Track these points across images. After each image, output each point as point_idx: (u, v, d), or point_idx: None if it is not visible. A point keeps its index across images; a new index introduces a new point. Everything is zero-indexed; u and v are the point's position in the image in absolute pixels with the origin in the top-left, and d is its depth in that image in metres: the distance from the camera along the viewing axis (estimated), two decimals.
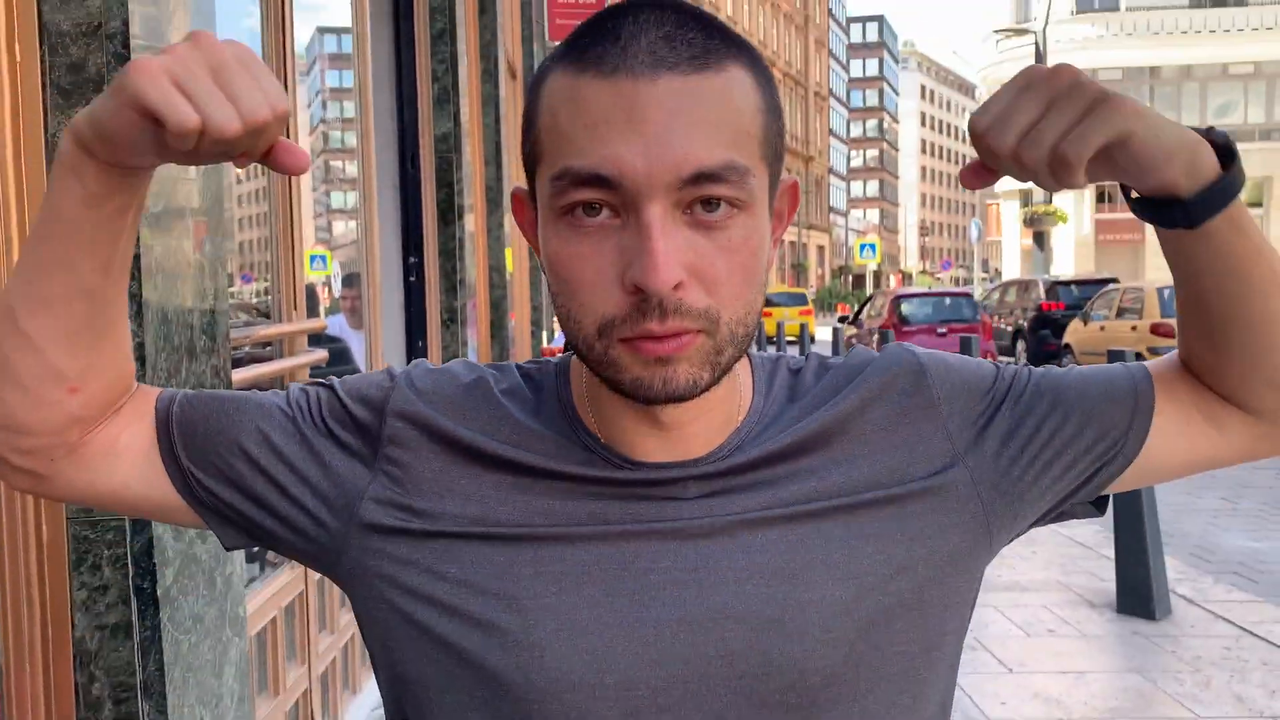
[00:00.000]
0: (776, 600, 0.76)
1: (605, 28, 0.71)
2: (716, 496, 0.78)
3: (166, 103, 0.60)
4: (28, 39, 1.40)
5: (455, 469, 0.79)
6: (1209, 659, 3.94)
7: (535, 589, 0.75)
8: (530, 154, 0.75)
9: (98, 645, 1.44)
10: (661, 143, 0.68)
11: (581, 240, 0.71)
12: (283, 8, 2.56)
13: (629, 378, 0.72)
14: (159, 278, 1.48)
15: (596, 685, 0.74)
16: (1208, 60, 32.25)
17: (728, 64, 0.71)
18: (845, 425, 0.81)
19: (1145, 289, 14.70)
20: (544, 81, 0.74)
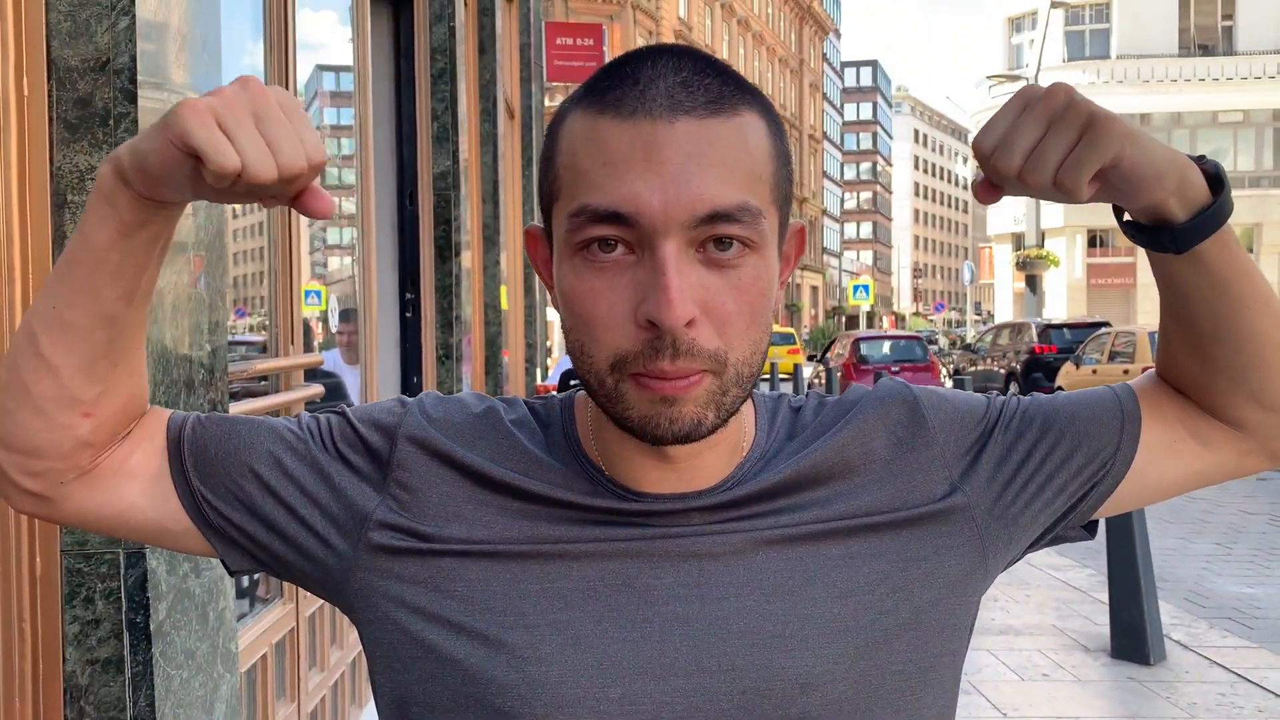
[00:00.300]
0: (778, 616, 0.77)
1: (624, 72, 0.73)
2: (719, 524, 0.79)
3: (210, 143, 0.63)
4: (36, 73, 1.41)
5: (462, 493, 0.80)
6: (1204, 705, 3.92)
7: (540, 606, 0.76)
8: (548, 192, 0.77)
9: (89, 680, 1.43)
10: (678, 182, 0.70)
11: (597, 275, 0.72)
12: (285, 46, 2.59)
13: (637, 415, 0.73)
14: (158, 311, 1.48)
15: (600, 699, 0.75)
16: (1197, 108, 32.62)
17: (742, 109, 0.73)
18: (844, 455, 0.82)
19: (1137, 333, 14.78)
20: (563, 122, 0.76)
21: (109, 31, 1.42)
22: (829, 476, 0.82)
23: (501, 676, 0.75)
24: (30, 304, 0.81)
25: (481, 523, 0.79)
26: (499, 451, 0.81)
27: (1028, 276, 26.52)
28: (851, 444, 0.83)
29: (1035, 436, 0.85)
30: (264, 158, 0.64)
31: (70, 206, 1.43)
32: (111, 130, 1.42)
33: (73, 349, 0.73)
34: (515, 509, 0.79)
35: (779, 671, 0.75)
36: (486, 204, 6.07)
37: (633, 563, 0.78)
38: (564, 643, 0.75)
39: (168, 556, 1.50)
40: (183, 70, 1.57)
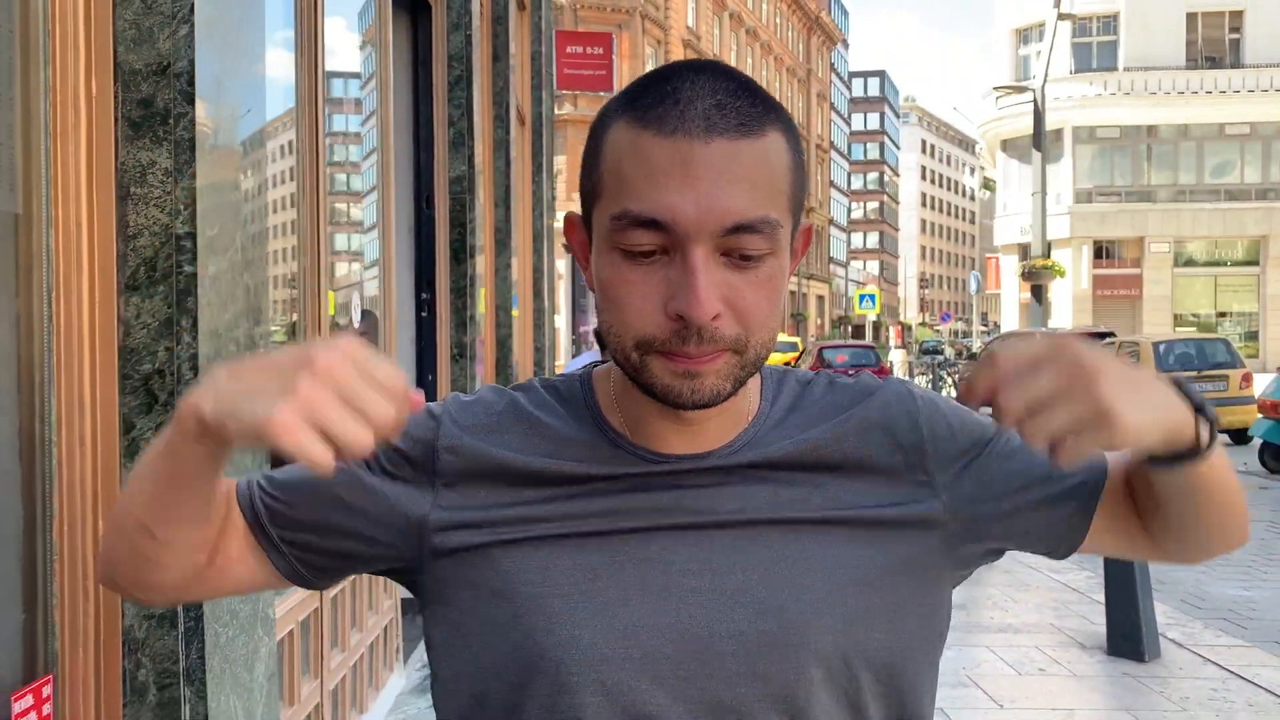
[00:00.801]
0: (778, 589, 0.88)
1: (666, 90, 0.82)
2: (728, 488, 0.90)
3: (305, 453, 0.67)
4: (104, 76, 1.54)
5: (501, 488, 0.91)
6: (1196, 700, 4.01)
7: (574, 578, 0.88)
8: (590, 190, 0.87)
9: (145, 634, 1.55)
10: (710, 196, 0.79)
11: (632, 269, 0.82)
12: (315, 51, 2.72)
13: (660, 384, 0.84)
14: (211, 296, 1.61)
15: (626, 659, 0.86)
16: (1204, 120, 32.66)
17: (768, 130, 0.82)
18: (843, 447, 0.93)
19: (1141, 343, 14.86)
20: (607, 129, 0.85)
21: (170, 38, 1.55)
22: (827, 465, 0.92)
23: (542, 639, 0.86)
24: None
25: (520, 513, 0.90)
26: (527, 440, 0.92)
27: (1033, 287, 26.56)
28: (851, 437, 0.93)
29: (1020, 484, 0.94)
30: (359, 436, 0.69)
31: (132, 198, 1.55)
32: (171, 128, 1.55)
33: (185, 527, 0.85)
34: (548, 494, 0.90)
35: (779, 637, 0.86)
36: (498, 208, 6.20)
37: (655, 537, 0.89)
38: (594, 610, 0.86)
39: None
40: (232, 76, 1.70)
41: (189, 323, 1.55)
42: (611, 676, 0.86)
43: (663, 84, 0.83)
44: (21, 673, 1.48)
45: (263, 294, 1.82)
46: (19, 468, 1.51)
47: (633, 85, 0.86)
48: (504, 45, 6.20)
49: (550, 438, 0.92)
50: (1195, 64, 32.99)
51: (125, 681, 1.55)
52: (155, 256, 1.55)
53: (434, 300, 4.55)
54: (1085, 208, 32.99)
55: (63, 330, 1.53)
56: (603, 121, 0.86)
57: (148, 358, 1.55)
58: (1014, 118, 33.31)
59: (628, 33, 33.43)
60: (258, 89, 1.81)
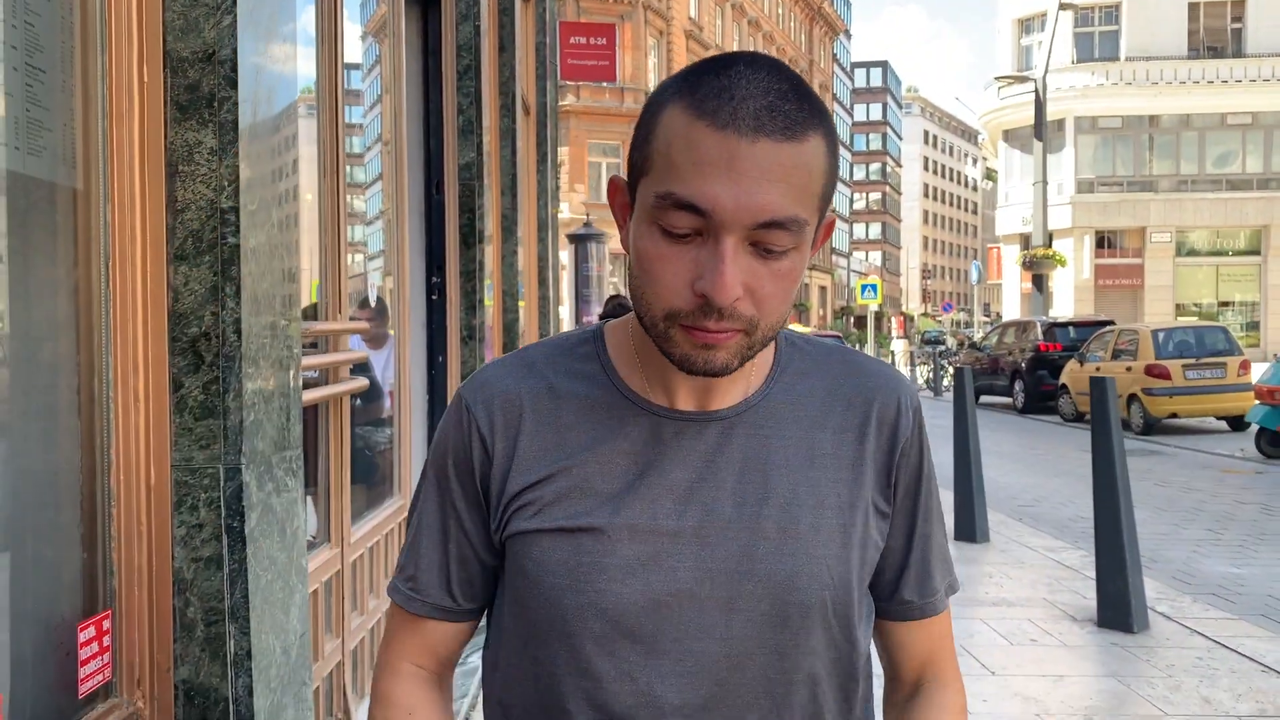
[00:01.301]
0: (783, 529, 1.00)
1: (723, 83, 0.88)
2: (732, 442, 1.02)
3: None
4: (154, 63, 1.67)
5: (539, 466, 1.02)
6: (1181, 667, 4.16)
7: (615, 524, 0.99)
8: (640, 163, 0.94)
9: (193, 575, 1.70)
10: (749, 192, 0.87)
11: (669, 246, 0.90)
12: (335, 38, 2.85)
13: (679, 353, 0.93)
14: (252, 265, 1.75)
15: (659, 600, 0.98)
16: (1206, 110, 32.70)
17: (810, 135, 0.89)
18: (844, 428, 1.05)
19: (1140, 331, 14.97)
20: (662, 109, 0.92)
21: (214, 28, 1.69)
22: (820, 425, 1.04)
23: (561, 598, 0.99)
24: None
25: (562, 480, 1.01)
26: (545, 417, 1.03)
27: (1035, 277, 26.66)
28: (855, 425, 1.05)
29: (897, 522, 1.09)
30: None
31: (180, 175, 1.69)
32: (215, 111, 1.68)
33: None
34: (579, 464, 1.01)
35: (781, 569, 0.99)
36: (505, 196, 6.33)
37: (678, 476, 1.00)
38: (631, 556, 0.99)
39: (258, 473, 1.76)
40: (273, 61, 1.83)
41: (233, 289, 1.69)
42: (625, 623, 0.98)
43: (721, 75, 0.89)
44: (83, 606, 1.62)
45: (296, 270, 1.96)
46: (78, 422, 1.65)
47: (692, 70, 0.93)
48: (510, 36, 6.33)
49: (567, 405, 1.03)
50: (1197, 54, 33.00)
51: (175, 618, 1.70)
52: (202, 229, 1.69)
53: (444, 284, 4.68)
54: (1087, 198, 33.03)
55: (118, 297, 1.67)
56: (659, 100, 0.93)
57: (195, 322, 1.69)
58: (1016, 108, 33.34)
59: (630, 24, 33.48)
60: (290, 75, 1.94)
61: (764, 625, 0.99)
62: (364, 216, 4.06)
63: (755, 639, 0.99)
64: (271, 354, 1.83)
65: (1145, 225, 32.91)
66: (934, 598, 1.10)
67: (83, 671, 1.58)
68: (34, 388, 1.58)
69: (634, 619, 0.98)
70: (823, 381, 1.07)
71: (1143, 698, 3.81)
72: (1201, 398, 13.86)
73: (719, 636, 0.98)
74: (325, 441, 2.89)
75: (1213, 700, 3.78)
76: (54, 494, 1.61)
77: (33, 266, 1.56)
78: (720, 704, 0.99)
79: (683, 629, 0.98)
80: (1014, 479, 10.08)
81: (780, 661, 0.99)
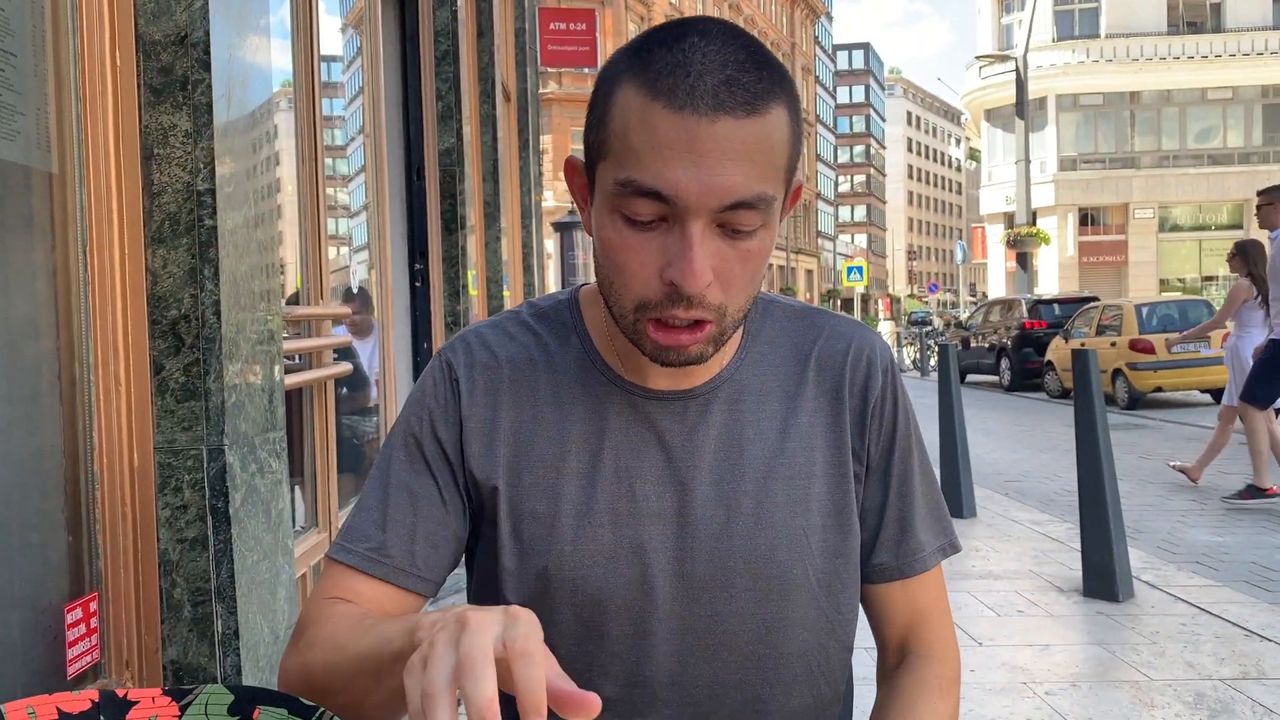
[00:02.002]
0: (760, 503, 1.00)
1: (676, 58, 0.84)
2: (709, 417, 1.01)
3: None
4: (126, 47, 1.68)
5: (517, 439, 1.01)
6: (1166, 634, 4.20)
7: (595, 507, 0.99)
8: (595, 144, 0.90)
9: (179, 556, 1.71)
10: (713, 174, 0.83)
11: (633, 234, 0.87)
12: (311, 25, 2.85)
13: (650, 347, 0.91)
14: (229, 247, 1.75)
15: (643, 582, 0.98)
16: (1187, 85, 32.82)
17: (771, 106, 0.85)
18: (819, 394, 1.04)
19: (1124, 306, 15.05)
20: (616, 87, 0.87)
21: (186, 11, 1.69)
22: (794, 395, 1.04)
23: (538, 562, 0.98)
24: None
25: (539, 456, 1.00)
26: (524, 390, 1.01)
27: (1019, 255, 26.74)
28: (820, 381, 1.05)
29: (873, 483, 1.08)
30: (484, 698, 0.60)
31: (156, 158, 1.69)
32: (190, 94, 1.69)
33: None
34: (553, 436, 1.00)
35: (761, 542, 0.99)
36: (487, 182, 6.33)
37: (638, 462, 0.99)
38: (578, 535, 0.98)
39: (241, 454, 1.77)
40: (246, 47, 1.83)
41: (211, 271, 1.70)
42: (619, 578, 0.98)
43: (674, 48, 0.85)
44: (69, 589, 1.63)
45: (273, 248, 1.96)
46: (60, 407, 1.65)
47: (643, 42, 0.88)
48: (489, 22, 6.31)
49: (544, 379, 1.02)
50: (1177, 30, 33.09)
51: (162, 599, 1.71)
52: (178, 211, 1.69)
53: (428, 271, 4.68)
54: (1069, 175, 33.13)
55: (96, 280, 1.67)
56: (611, 78, 0.89)
57: (174, 304, 1.70)
58: (997, 87, 33.38)
59: (610, 9, 33.37)
60: (261, 57, 1.94)
61: (748, 601, 0.99)
62: (348, 209, 4.05)
63: (740, 615, 0.99)
64: (251, 335, 1.84)
65: (1128, 202, 33.05)
66: (912, 558, 1.06)
67: (71, 653, 1.59)
68: (14, 373, 1.59)
69: (619, 601, 0.98)
70: (793, 348, 1.06)
71: (1128, 664, 3.85)
72: (1185, 371, 13.94)
73: (704, 614, 0.98)
74: (311, 427, 2.90)
75: (1196, 665, 3.83)
76: (38, 479, 1.62)
77: (10, 251, 1.57)
78: (711, 682, 0.99)
79: (668, 609, 0.98)
80: (1000, 455, 10.13)
81: (768, 636, 0.99)
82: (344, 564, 0.96)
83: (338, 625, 0.88)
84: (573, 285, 1.15)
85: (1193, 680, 3.66)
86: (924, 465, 1.10)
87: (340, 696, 0.83)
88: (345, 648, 0.83)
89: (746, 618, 0.99)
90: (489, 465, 1.00)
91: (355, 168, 4.03)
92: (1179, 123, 33.35)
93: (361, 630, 0.82)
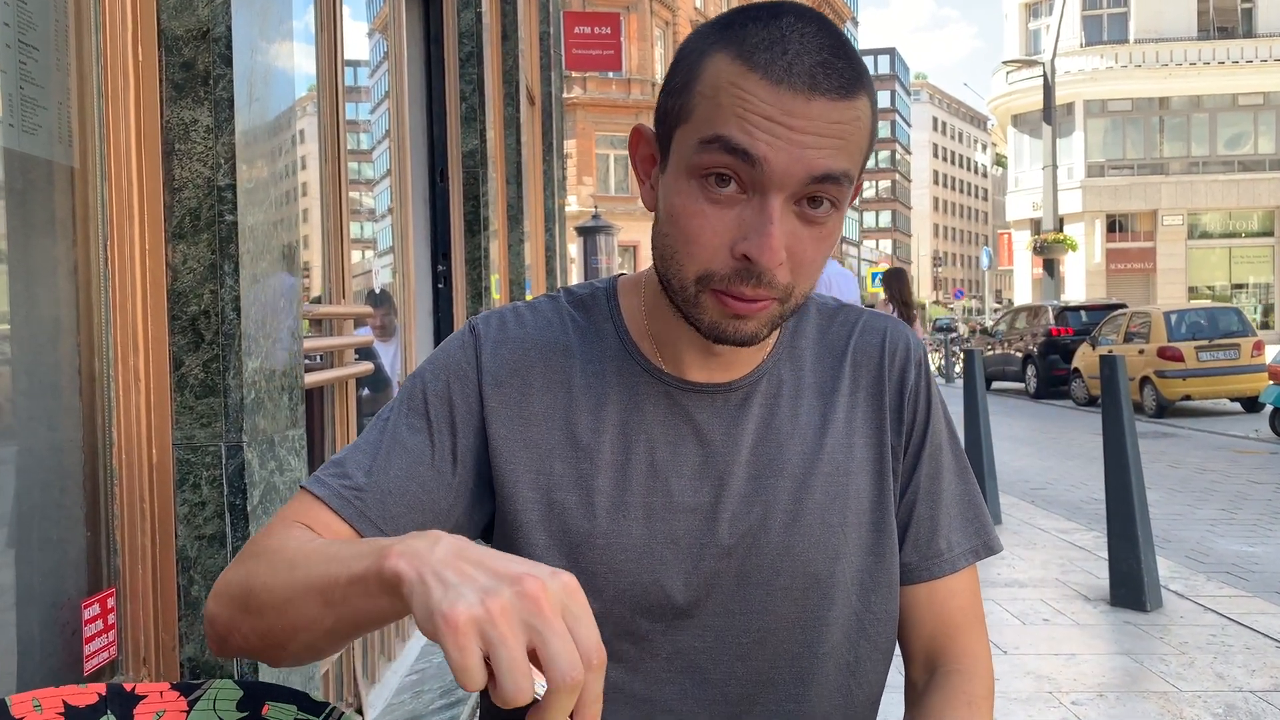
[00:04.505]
0: (797, 500, 0.99)
1: (774, 34, 0.84)
2: (750, 410, 1.00)
3: (460, 662, 0.59)
4: (148, 42, 1.67)
5: (547, 427, 0.98)
6: (1195, 644, 4.14)
7: (628, 500, 0.97)
8: (677, 110, 0.88)
9: (197, 553, 1.70)
10: (803, 149, 0.83)
11: (708, 203, 0.85)
12: (334, 30, 2.85)
13: (708, 320, 0.90)
14: (250, 244, 1.74)
15: (676, 580, 0.97)
16: (1217, 91, 32.49)
17: (860, 96, 0.86)
18: (856, 389, 1.03)
19: (1152, 313, 14.90)
20: (706, 55, 0.87)
21: (208, 6, 1.68)
22: (832, 390, 1.02)
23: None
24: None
25: (569, 439, 0.98)
26: (557, 373, 0.99)
27: (1045, 261, 26.55)
28: (857, 377, 1.03)
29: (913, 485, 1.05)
30: (520, 685, 0.58)
31: (177, 154, 1.69)
32: (211, 89, 1.68)
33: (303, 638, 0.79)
34: (587, 422, 0.98)
35: (788, 537, 0.98)
36: (510, 185, 6.33)
37: (672, 456, 0.97)
38: (610, 527, 0.97)
39: (260, 451, 1.76)
40: (268, 42, 1.83)
41: (231, 267, 1.69)
42: (645, 557, 0.96)
43: (770, 24, 0.85)
44: (87, 585, 1.63)
45: (295, 249, 1.96)
46: (79, 402, 1.65)
47: (734, 17, 0.87)
48: (513, 24, 6.32)
49: (578, 367, 1.00)
50: (1207, 34, 32.78)
51: (180, 596, 1.70)
52: (199, 207, 1.69)
53: (450, 272, 4.68)
54: (1097, 181, 32.87)
55: (116, 275, 1.67)
56: (700, 48, 0.88)
57: (194, 300, 1.69)
58: (1024, 93, 33.18)
59: (635, 14, 33.40)
60: (283, 52, 1.94)
61: (783, 599, 0.97)
62: (374, 213, 4.05)
63: (775, 613, 0.97)
64: (271, 331, 1.83)
65: (1156, 208, 32.75)
66: (939, 559, 1.03)
67: (88, 649, 1.59)
68: (35, 367, 1.59)
69: (651, 597, 0.96)
70: (829, 344, 1.05)
71: (1156, 674, 3.79)
72: (1215, 379, 13.79)
73: (739, 611, 0.97)
74: (332, 426, 2.89)
75: (1226, 676, 3.76)
76: (56, 474, 1.62)
77: (31, 246, 1.57)
78: (744, 679, 0.97)
79: (702, 605, 0.97)
80: (1026, 462, 10.04)
81: (802, 634, 0.98)
82: (315, 494, 0.93)
83: (288, 543, 0.84)
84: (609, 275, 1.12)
85: (1223, 692, 3.59)
86: (959, 462, 1.07)
87: (274, 617, 0.78)
88: (294, 566, 0.78)
89: (781, 616, 0.97)
90: (515, 448, 0.97)
91: (381, 171, 4.03)
92: (1209, 129, 33.03)
93: (314, 550, 0.78)
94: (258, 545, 0.87)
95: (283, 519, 0.92)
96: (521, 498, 0.97)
